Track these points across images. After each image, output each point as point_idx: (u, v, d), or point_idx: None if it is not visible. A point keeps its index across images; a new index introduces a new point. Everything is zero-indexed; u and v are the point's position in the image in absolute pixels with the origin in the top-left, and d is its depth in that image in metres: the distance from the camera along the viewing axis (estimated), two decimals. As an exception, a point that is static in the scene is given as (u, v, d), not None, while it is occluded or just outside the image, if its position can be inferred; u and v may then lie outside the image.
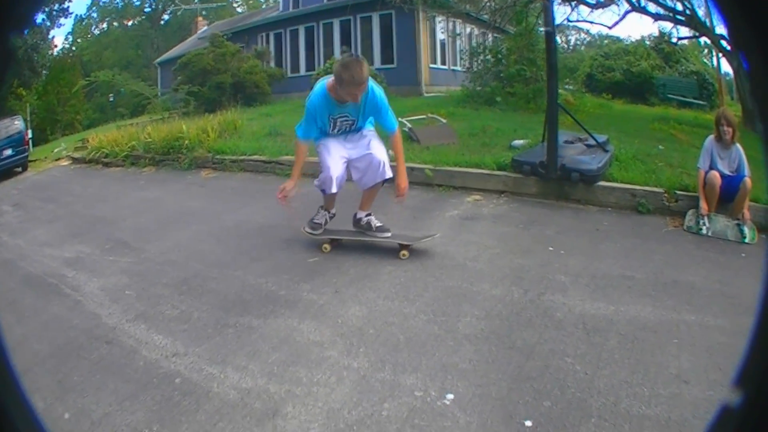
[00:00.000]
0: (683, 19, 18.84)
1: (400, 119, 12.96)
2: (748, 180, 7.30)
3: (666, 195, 7.91)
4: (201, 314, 5.06)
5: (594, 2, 18.84)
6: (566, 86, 20.54)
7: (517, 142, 10.45)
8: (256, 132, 14.58)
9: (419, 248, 6.31)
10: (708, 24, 19.16)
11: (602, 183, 8.24)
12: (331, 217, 6.66)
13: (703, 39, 21.97)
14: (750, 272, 5.96)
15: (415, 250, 6.26)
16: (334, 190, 6.19)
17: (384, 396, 3.61)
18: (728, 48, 18.45)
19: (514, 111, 14.56)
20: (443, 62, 26.44)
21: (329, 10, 26.82)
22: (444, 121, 13.53)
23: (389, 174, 6.18)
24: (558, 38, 25.60)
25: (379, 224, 6.49)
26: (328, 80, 6.05)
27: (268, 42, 29.81)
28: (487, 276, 5.60)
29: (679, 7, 18.54)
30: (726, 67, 21.41)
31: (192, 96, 22.56)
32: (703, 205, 7.37)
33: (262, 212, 8.50)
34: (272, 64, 27.61)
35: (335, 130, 6.23)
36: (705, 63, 30.12)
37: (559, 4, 18.75)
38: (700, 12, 18.67)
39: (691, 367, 3.89)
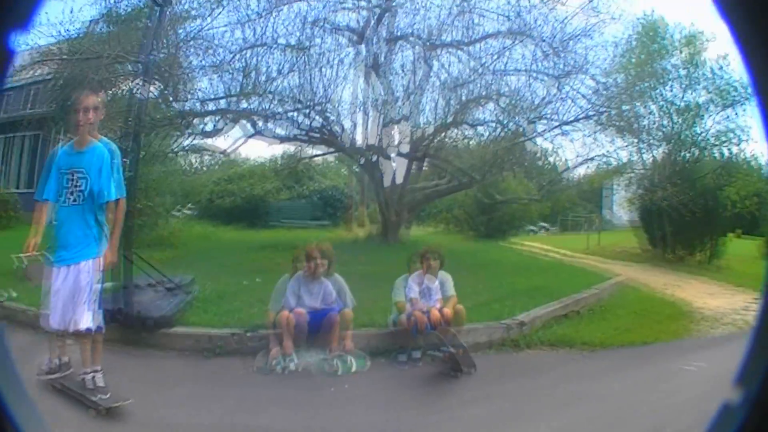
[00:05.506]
0: (316, 136, 19.34)
1: (17, 255, 12.17)
2: (346, 311, 7.65)
3: (242, 336, 7.98)
4: None
5: (211, 130, 18.94)
6: (184, 211, 20.56)
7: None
8: None
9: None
10: (345, 139, 19.70)
11: (179, 328, 8.24)
12: (61, 366, 6.23)
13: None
14: (351, 402, 6.41)
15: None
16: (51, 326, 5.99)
17: None
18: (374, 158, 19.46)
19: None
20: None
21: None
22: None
23: (86, 325, 6.00)
24: (193, 159, 25.26)
25: (102, 384, 6.08)
26: None
27: None
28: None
29: (316, 123, 18.85)
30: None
31: None
32: (285, 344, 7.45)
33: None
34: None
35: (67, 196, 6.04)
36: (346, 174, 30.87)
37: (169, 131, 18.74)
38: (337, 128, 19.07)
39: None
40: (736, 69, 21.59)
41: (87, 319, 6.10)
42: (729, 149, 23.26)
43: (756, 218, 25.12)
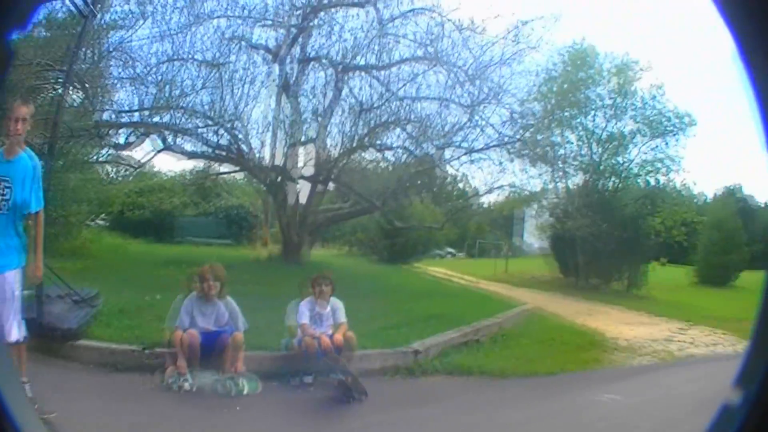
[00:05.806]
0: (224, 154, 19.34)
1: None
2: (237, 334, 7.70)
3: (145, 352, 8.00)
4: None
5: (125, 142, 18.65)
6: (97, 221, 20.13)
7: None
8: None
9: None
10: (252, 158, 19.42)
11: (83, 341, 8.24)
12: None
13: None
14: (243, 424, 6.47)
15: None
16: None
17: None
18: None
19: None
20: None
21: None
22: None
23: (15, 337, 5.87)
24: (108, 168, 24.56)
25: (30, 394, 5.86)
26: None
27: None
28: None
29: (225, 140, 18.77)
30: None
31: None
32: (179, 364, 7.48)
33: None
34: None
35: None
36: (253, 193, 30.36)
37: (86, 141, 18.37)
38: (245, 146, 18.72)
39: None
40: (672, 98, 21.97)
41: (16, 330, 6.05)
42: (656, 179, 23.60)
43: (684, 247, 25.70)
